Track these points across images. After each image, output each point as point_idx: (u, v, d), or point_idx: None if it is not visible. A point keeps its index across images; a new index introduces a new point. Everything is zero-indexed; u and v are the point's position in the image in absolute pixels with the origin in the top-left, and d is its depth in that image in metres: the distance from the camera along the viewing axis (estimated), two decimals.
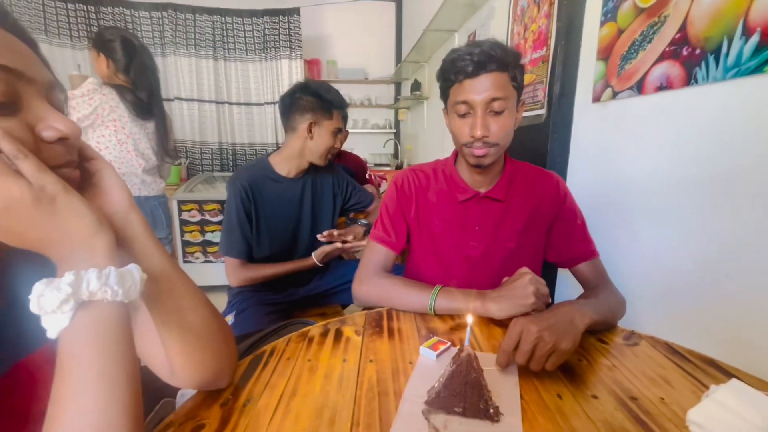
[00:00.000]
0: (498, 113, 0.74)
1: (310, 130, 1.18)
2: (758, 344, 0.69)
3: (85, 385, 0.31)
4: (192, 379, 0.49)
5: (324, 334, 0.69)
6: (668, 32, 0.76)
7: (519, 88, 0.77)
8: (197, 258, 2.71)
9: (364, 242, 1.39)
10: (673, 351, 0.65)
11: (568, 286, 1.18)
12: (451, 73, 0.75)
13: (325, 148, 1.22)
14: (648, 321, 0.89)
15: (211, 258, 2.70)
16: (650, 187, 0.87)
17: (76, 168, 0.38)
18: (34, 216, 0.31)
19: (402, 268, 1.55)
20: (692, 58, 0.72)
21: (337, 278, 1.42)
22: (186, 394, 0.59)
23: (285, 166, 1.26)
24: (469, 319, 0.51)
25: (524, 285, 0.69)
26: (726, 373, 0.58)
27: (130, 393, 0.33)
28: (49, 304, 0.30)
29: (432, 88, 2.90)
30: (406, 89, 3.65)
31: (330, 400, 0.51)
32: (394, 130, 4.19)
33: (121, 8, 3.11)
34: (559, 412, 0.50)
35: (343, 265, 1.49)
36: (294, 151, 1.23)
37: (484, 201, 0.85)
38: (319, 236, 1.31)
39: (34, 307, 0.30)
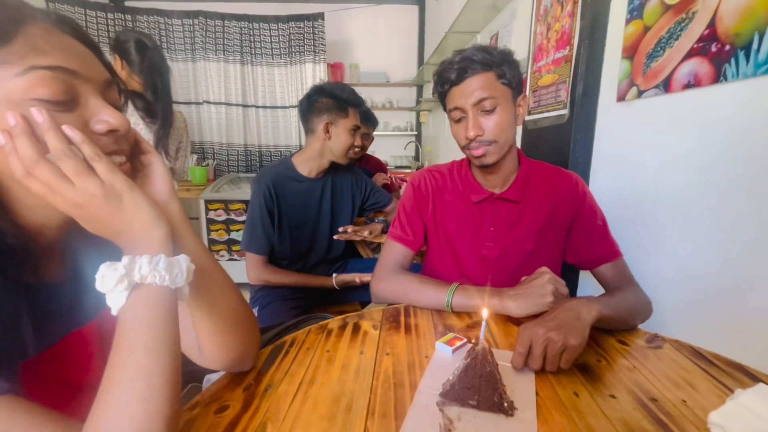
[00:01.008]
0: (490, 111, 0.76)
1: (327, 131, 1.22)
2: None
3: (135, 355, 0.36)
4: (218, 360, 0.52)
5: (342, 327, 0.71)
6: (696, 29, 0.74)
7: (512, 84, 0.78)
8: (222, 256, 2.80)
9: (382, 239, 1.41)
10: (698, 355, 0.63)
11: (590, 289, 1.15)
12: (439, 85, 0.80)
13: (345, 146, 1.25)
14: (674, 326, 0.86)
15: (235, 256, 2.79)
16: (676, 188, 0.85)
17: (127, 160, 0.43)
18: (105, 209, 0.36)
19: (420, 267, 1.55)
20: (721, 54, 0.70)
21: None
22: (212, 379, 0.62)
23: (306, 166, 1.29)
24: (485, 313, 0.52)
25: (543, 284, 0.68)
26: (754, 378, 0.56)
27: (172, 367, 0.37)
28: (108, 283, 0.35)
29: None
30: (427, 92, 3.65)
31: (347, 389, 0.53)
32: (416, 133, 4.20)
33: (155, 16, 3.26)
34: (575, 410, 0.49)
35: (362, 262, 1.51)
36: (314, 152, 1.27)
37: (499, 202, 0.85)
38: (335, 236, 1.33)
39: (99, 285, 0.35)
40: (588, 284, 1.16)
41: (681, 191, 0.83)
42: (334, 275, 1.32)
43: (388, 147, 4.13)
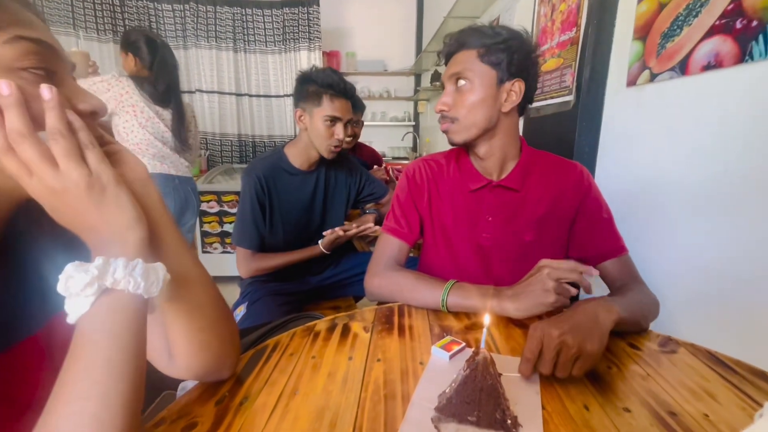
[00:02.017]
0: (459, 89, 0.75)
1: (301, 121, 1.15)
2: None
3: (91, 370, 0.32)
4: (192, 369, 0.47)
5: (331, 329, 0.65)
6: (719, 4, 0.68)
7: (500, 65, 0.74)
8: (215, 249, 2.74)
9: (374, 227, 1.35)
10: (716, 360, 0.58)
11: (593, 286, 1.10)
12: (443, 63, 0.80)
13: (321, 138, 1.14)
14: (686, 327, 0.81)
15: (228, 249, 2.73)
16: (691, 179, 0.79)
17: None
18: (84, 201, 0.33)
19: (416, 261, 1.50)
20: (747, 31, 0.63)
21: (350, 269, 1.39)
22: (187, 387, 0.57)
23: (299, 158, 1.23)
24: (486, 319, 0.46)
25: (542, 280, 0.63)
26: None
27: (133, 386, 0.33)
28: (75, 286, 0.31)
29: None
30: (425, 81, 3.57)
31: (332, 402, 0.47)
32: (413, 123, 4.12)
33: (144, 1, 3.15)
34: (585, 426, 0.44)
35: (357, 256, 1.46)
36: (303, 143, 1.21)
37: (498, 190, 0.81)
38: (326, 232, 1.27)
39: (62, 288, 0.32)
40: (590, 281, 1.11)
41: (696, 182, 0.77)
42: (319, 242, 1.26)
43: (386, 137, 4.05)
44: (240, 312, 1.19)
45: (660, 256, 0.87)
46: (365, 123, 2.13)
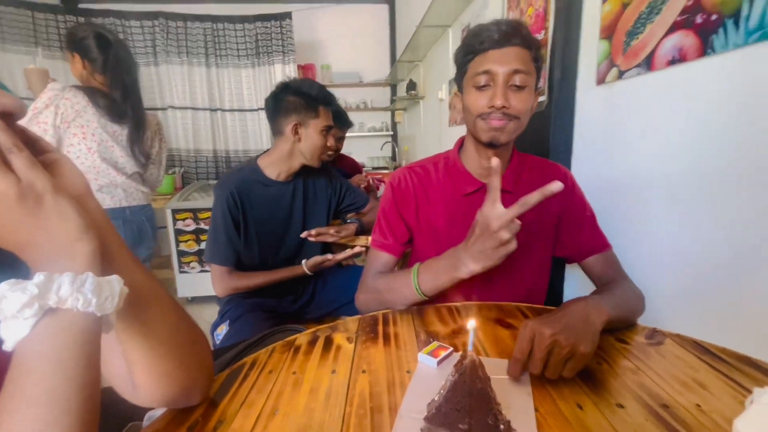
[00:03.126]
0: (520, 88, 0.69)
1: (296, 132, 1.13)
2: None
3: (32, 403, 0.27)
4: (156, 396, 0.43)
5: (312, 342, 0.62)
6: (679, 0, 0.70)
7: (539, 70, 0.73)
8: (193, 268, 2.65)
9: (356, 245, 1.33)
10: (703, 350, 0.57)
11: (576, 283, 1.10)
12: (476, 43, 0.71)
13: (316, 148, 1.16)
14: (670, 319, 0.82)
15: (206, 268, 2.64)
16: (663, 171, 0.80)
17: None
18: (15, 213, 0.29)
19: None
20: (708, 25, 0.65)
21: (339, 290, 1.34)
22: (154, 415, 0.53)
23: (275, 169, 1.20)
24: (471, 323, 0.44)
25: (486, 225, 0.60)
26: (766, 372, 0.51)
27: (81, 420, 0.29)
28: (10, 307, 0.27)
29: (427, 87, 2.85)
30: (401, 91, 3.60)
31: (315, 420, 0.44)
32: (391, 133, 4.14)
33: (112, 18, 3.08)
34: (580, 425, 0.43)
35: (346, 276, 1.40)
36: (283, 154, 1.17)
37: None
38: (302, 234, 1.23)
39: None
40: (575, 279, 1.11)
41: (669, 174, 0.79)
42: (303, 261, 1.23)
43: (365, 148, 4.05)
44: (222, 331, 1.14)
45: (641, 249, 0.87)
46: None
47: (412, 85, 3.07)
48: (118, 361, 0.42)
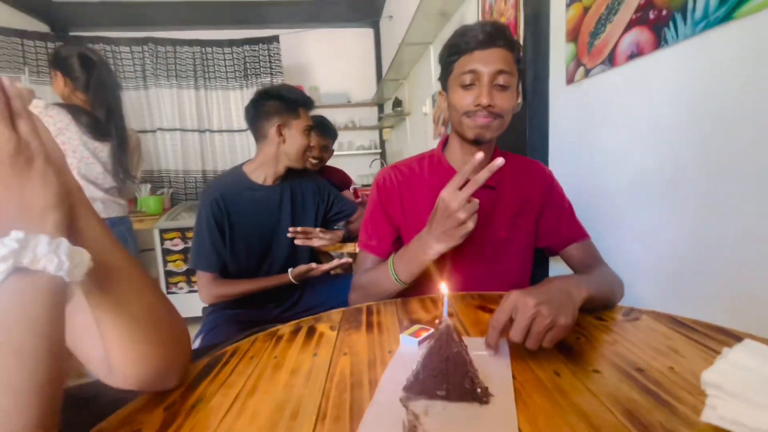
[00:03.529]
0: (504, 87, 0.73)
1: (280, 133, 1.15)
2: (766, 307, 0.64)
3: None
4: (132, 377, 0.42)
5: (295, 332, 0.62)
6: (633, 0, 0.75)
7: (521, 72, 0.77)
8: (181, 288, 2.61)
9: (343, 251, 1.34)
10: (677, 322, 0.59)
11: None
12: (462, 43, 0.74)
13: (300, 148, 1.19)
14: (647, 302, 0.83)
15: (195, 288, 2.60)
16: (631, 161, 0.84)
17: None
18: (5, 168, 0.31)
19: None
20: (659, 20, 0.70)
21: (329, 296, 1.33)
22: None
23: (261, 173, 1.21)
24: (444, 287, 0.45)
25: (445, 206, 0.63)
26: (736, 338, 0.53)
27: (50, 375, 0.29)
28: None
29: (412, 103, 2.93)
30: (388, 109, 3.69)
31: (294, 395, 0.44)
32: (380, 150, 4.21)
33: (102, 44, 3.14)
34: (557, 390, 0.43)
35: (334, 284, 1.40)
36: (268, 158, 1.19)
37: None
38: (289, 234, 1.23)
39: None
40: (559, 271, 1.12)
41: (638, 163, 0.82)
42: (290, 270, 1.22)
43: (354, 166, 4.09)
44: (194, 345, 1.12)
45: (614, 239, 0.90)
46: (334, 152, 2.16)
47: (398, 103, 3.16)
48: (95, 341, 0.42)
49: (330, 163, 2.07)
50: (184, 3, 3.55)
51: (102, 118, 1.41)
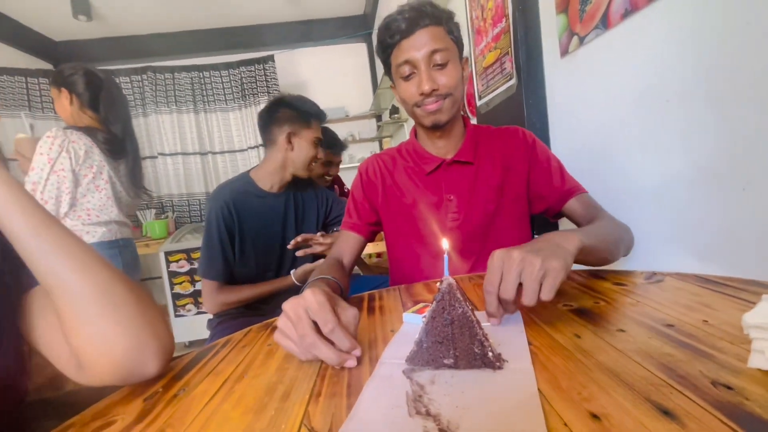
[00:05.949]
0: (442, 65, 0.72)
1: (289, 141, 1.15)
2: None
3: None
4: (100, 366, 0.39)
5: None
6: None
7: (458, 42, 0.75)
8: (189, 310, 2.58)
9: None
10: (705, 280, 0.54)
11: None
12: (387, 37, 0.74)
13: (307, 158, 1.18)
14: (667, 262, 0.77)
15: (203, 309, 2.57)
16: (636, 122, 0.79)
17: None
18: None
19: (368, 280, 1.45)
20: None
21: None
22: None
23: (268, 180, 1.20)
24: (445, 244, 0.41)
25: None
26: None
27: None
28: None
29: None
30: (385, 117, 3.70)
31: (286, 378, 0.40)
32: None
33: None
34: (579, 351, 0.38)
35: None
36: (276, 164, 1.18)
37: (453, 167, 0.82)
38: (289, 246, 1.20)
39: None
40: None
41: (641, 124, 0.78)
42: (292, 271, 1.19)
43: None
44: None
45: (628, 200, 0.85)
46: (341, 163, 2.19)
47: (395, 110, 3.16)
48: (59, 337, 0.40)
49: None
50: (180, 32, 3.63)
51: (119, 133, 1.36)
